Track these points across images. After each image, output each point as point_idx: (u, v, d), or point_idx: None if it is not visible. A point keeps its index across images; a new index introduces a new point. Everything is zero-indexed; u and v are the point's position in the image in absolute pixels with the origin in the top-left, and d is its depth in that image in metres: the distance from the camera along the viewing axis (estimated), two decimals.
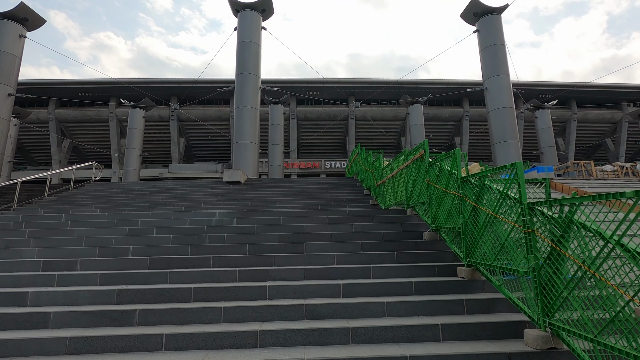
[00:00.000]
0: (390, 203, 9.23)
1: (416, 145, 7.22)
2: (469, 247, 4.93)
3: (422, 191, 6.86)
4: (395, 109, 36.54)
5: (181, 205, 11.18)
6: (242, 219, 7.85)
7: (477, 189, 4.76)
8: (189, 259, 5.59)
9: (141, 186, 13.82)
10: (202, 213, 8.45)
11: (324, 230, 7.01)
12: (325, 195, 12.23)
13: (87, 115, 36.88)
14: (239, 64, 15.96)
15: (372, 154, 11.52)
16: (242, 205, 11.03)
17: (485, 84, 17.63)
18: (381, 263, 5.60)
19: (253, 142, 15.31)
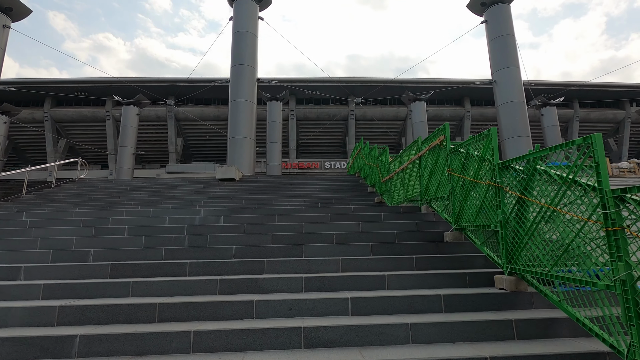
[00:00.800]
0: (399, 200, 8.12)
1: (433, 132, 6.13)
2: (512, 251, 3.82)
3: (441, 184, 5.75)
4: (396, 109, 35.48)
5: (168, 203, 10.06)
6: (230, 218, 6.73)
7: (524, 175, 3.66)
8: (161, 265, 4.47)
9: (128, 184, 12.70)
10: (185, 211, 7.34)
11: (326, 230, 5.90)
12: (326, 192, 11.12)
13: (83, 115, 35.72)
14: (235, 55, 14.86)
15: (378, 148, 10.43)
16: (234, 203, 9.92)
17: (494, 76, 16.56)
18: (397, 270, 4.49)
19: (249, 137, 14.20)
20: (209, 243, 5.35)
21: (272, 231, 5.83)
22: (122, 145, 23.26)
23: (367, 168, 11.61)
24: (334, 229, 5.89)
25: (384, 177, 9.38)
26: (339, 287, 4.05)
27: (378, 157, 10.10)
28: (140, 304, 3.53)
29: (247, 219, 6.63)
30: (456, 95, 35.66)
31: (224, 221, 6.53)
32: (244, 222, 6.40)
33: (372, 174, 10.84)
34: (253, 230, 5.86)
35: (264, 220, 6.60)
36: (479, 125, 36.90)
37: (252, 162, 14.19)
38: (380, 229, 5.90)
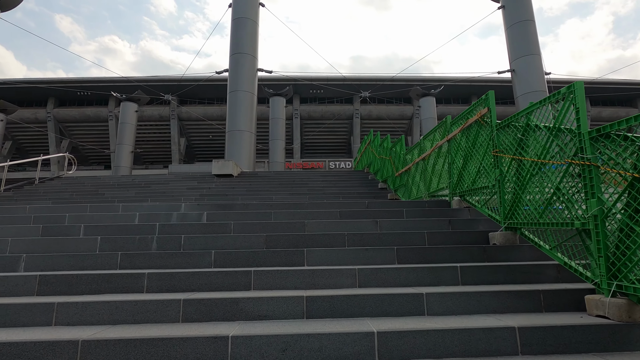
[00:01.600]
0: (419, 195, 6.79)
1: (467, 108, 4.82)
2: (619, 260, 2.49)
3: (482, 171, 4.42)
4: (402, 107, 34.15)
5: (156, 200, 8.83)
6: (215, 214, 5.43)
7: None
8: (110, 276, 3.18)
9: (118, 180, 11.47)
10: (163, 206, 6.05)
11: (335, 229, 4.59)
12: (333, 188, 9.81)
13: (86, 115, 34.77)
14: (234, 43, 13.62)
15: (390, 138, 9.10)
16: (230, 200, 8.65)
17: (513, 65, 15.18)
18: (437, 284, 3.16)
19: (249, 130, 12.94)
20: (183, 246, 4.05)
21: (266, 230, 4.53)
22: (120, 143, 22.09)
23: (377, 162, 10.28)
24: (346, 228, 4.57)
25: (399, 171, 8.06)
26: (357, 311, 2.74)
27: (391, 148, 8.78)
28: (56, 341, 2.24)
29: (236, 216, 5.33)
30: (463, 93, 34.29)
31: (207, 218, 5.24)
32: (232, 219, 5.10)
33: (384, 168, 9.52)
34: (242, 230, 4.56)
35: (258, 218, 5.30)
36: None
37: (252, 157, 12.93)
38: (404, 228, 4.57)
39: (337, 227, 4.60)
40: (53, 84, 32.93)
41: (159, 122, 34.92)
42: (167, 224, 4.64)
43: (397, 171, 8.20)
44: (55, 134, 34.71)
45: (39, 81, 32.81)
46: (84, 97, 34.56)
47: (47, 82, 33.10)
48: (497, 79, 33.95)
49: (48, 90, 33.30)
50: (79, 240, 4.10)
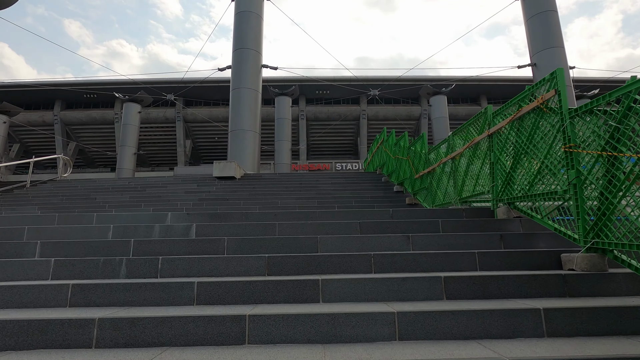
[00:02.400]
0: (446, 201, 5.76)
1: (526, 88, 3.80)
2: None
3: (543, 172, 3.39)
4: (409, 107, 33.05)
5: (150, 206, 7.90)
6: (207, 227, 4.39)
7: None
8: (48, 324, 2.20)
9: (113, 183, 10.58)
10: (145, 216, 5.09)
11: (356, 247, 3.58)
12: (343, 192, 8.80)
13: (92, 117, 34.16)
14: (237, 38, 12.69)
15: (408, 136, 8.07)
16: (230, 206, 7.70)
17: (534, 59, 14.02)
18: (512, 336, 2.14)
19: (252, 130, 11.98)
20: (160, 272, 3.07)
21: (268, 250, 3.54)
22: (123, 145, 21.26)
23: (392, 163, 9.26)
24: (370, 246, 3.56)
25: (419, 172, 7.03)
26: None
27: (409, 147, 7.76)
28: None
29: (232, 229, 4.31)
30: (472, 92, 33.11)
31: (196, 232, 4.23)
32: (227, 233, 4.11)
33: (400, 169, 8.49)
34: (238, 249, 3.57)
35: (259, 232, 4.30)
36: None
37: (256, 158, 11.97)
38: (444, 246, 3.55)
39: (359, 244, 3.60)
40: (58, 86, 32.38)
41: (165, 124, 34.21)
42: (146, 241, 3.65)
43: (417, 173, 7.18)
44: (62, 136, 34.16)
45: (44, 83, 32.28)
46: (91, 99, 33.99)
47: (52, 85, 32.56)
48: (507, 77, 32.73)
49: (55, 92, 32.81)
50: (29, 264, 3.15)
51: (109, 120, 33.96)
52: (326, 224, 4.36)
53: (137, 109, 21.96)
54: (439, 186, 6.18)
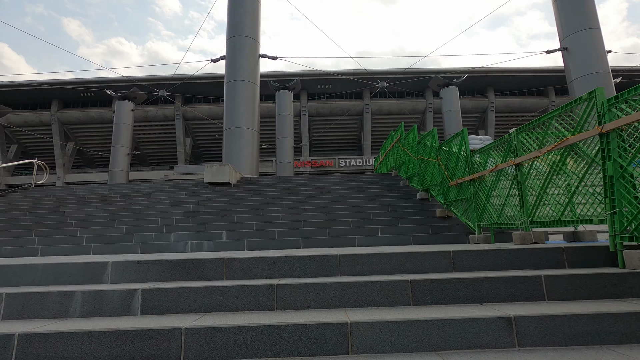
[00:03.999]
0: (503, 222, 4.14)
1: None
2: None
3: None
4: (414, 101, 31.23)
5: (124, 223, 6.32)
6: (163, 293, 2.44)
7: None
8: None
9: (91, 192, 8.99)
10: (69, 266, 3.28)
11: (413, 339, 1.95)
12: (357, 201, 7.19)
13: (90, 117, 32.53)
14: (231, 24, 10.92)
15: (436, 133, 6.41)
16: (220, 223, 6.12)
17: (565, 43, 12.22)
18: None
19: (250, 128, 10.31)
20: None
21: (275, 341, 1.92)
22: (116, 145, 19.61)
23: (413, 164, 7.62)
24: (440, 343, 1.94)
25: (457, 179, 5.40)
26: None
27: (440, 147, 6.11)
28: None
29: (205, 294, 2.52)
30: (478, 85, 31.25)
31: (143, 304, 2.43)
32: (195, 303, 2.42)
33: (426, 173, 6.85)
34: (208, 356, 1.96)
35: (249, 295, 2.60)
36: (504, 117, 32.50)
37: (254, 159, 10.33)
38: (575, 337, 1.93)
39: (416, 332, 1.97)
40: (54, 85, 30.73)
41: (164, 122, 32.58)
42: (37, 336, 2.02)
43: (454, 179, 5.55)
44: (60, 136, 32.62)
45: (39, 83, 30.63)
46: (88, 98, 32.36)
47: (48, 84, 30.91)
48: (515, 69, 30.83)
49: (51, 92, 31.21)
50: None
51: (108, 119, 32.32)
52: (345, 259, 2.73)
53: (130, 106, 20.25)
54: (489, 200, 4.56)
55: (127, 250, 5.29)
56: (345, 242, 5.30)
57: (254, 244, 5.32)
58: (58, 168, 33.02)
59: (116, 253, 5.27)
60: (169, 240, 5.63)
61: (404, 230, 5.71)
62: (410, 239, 5.34)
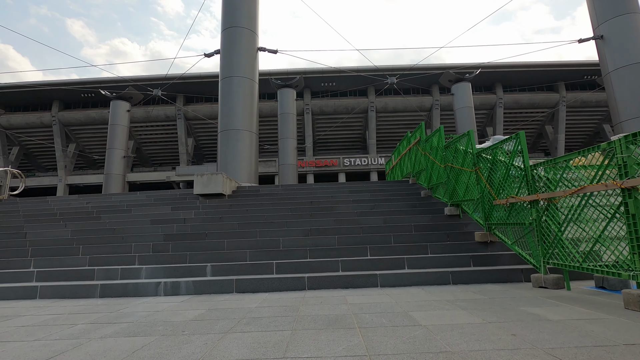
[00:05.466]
0: (588, 267, 2.77)
1: None
2: None
3: None
4: (420, 98, 29.73)
5: (89, 252, 5.03)
6: None
7: None
8: None
9: (67, 205, 7.72)
10: None
11: None
12: (373, 218, 5.83)
13: (91, 117, 31.39)
14: (226, 14, 9.49)
15: (473, 137, 5.03)
16: (207, 252, 4.80)
17: (599, 30, 10.69)
18: None
19: (248, 130, 8.93)
20: None
21: None
22: (111, 148, 18.32)
23: (439, 172, 6.25)
24: None
25: (508, 197, 4.05)
26: None
27: (478, 154, 4.75)
28: None
29: None
30: (486, 80, 29.64)
31: None
32: None
33: (458, 185, 5.49)
34: None
35: None
36: (513, 113, 30.92)
37: (252, 165, 8.97)
38: None
39: None
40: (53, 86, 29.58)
41: (166, 122, 31.38)
42: None
43: (500, 196, 4.20)
44: (61, 137, 31.52)
45: (38, 84, 29.48)
46: (89, 99, 31.20)
47: (48, 85, 29.76)
48: (524, 63, 29.20)
49: (52, 93, 30.13)
50: None
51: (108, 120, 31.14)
52: None
53: (126, 107, 18.95)
54: (563, 231, 3.21)
55: (81, 294, 4.00)
56: (364, 282, 3.98)
57: (246, 284, 4.01)
58: (59, 170, 31.97)
59: (67, 298, 3.99)
60: (138, 278, 4.33)
61: (438, 263, 4.37)
62: (449, 277, 4.00)
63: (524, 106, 30.54)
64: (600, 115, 31.16)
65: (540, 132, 31.80)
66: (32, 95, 30.57)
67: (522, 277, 4.02)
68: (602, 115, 31.18)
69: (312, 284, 4.00)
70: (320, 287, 3.98)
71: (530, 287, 3.67)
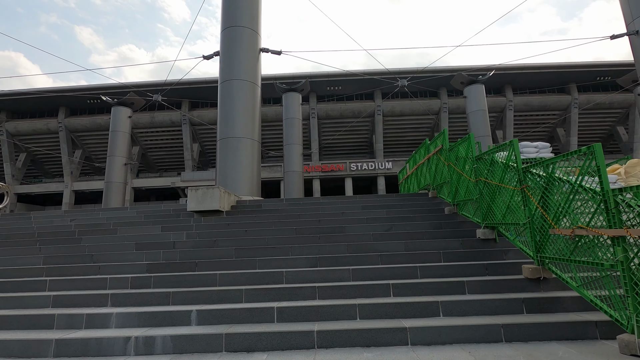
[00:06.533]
0: None
1: None
2: None
3: None
4: (428, 101, 28.71)
5: (56, 288, 4.14)
6: None
7: None
8: None
9: (48, 223, 6.88)
10: None
11: None
12: (391, 243, 4.87)
13: (97, 124, 30.88)
14: (227, 13, 8.59)
15: (517, 148, 4.05)
16: (194, 290, 3.87)
17: (635, 24, 9.62)
18: None
19: (250, 137, 8.03)
20: None
21: None
22: (112, 155, 17.61)
23: (468, 188, 5.27)
24: None
25: (575, 226, 3.09)
26: None
27: (527, 169, 3.79)
28: None
29: None
30: (495, 83, 28.50)
31: None
32: None
33: (495, 205, 4.51)
34: None
35: None
36: (523, 116, 29.78)
37: (254, 176, 8.05)
38: None
39: None
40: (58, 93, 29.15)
41: (171, 128, 30.78)
42: None
43: (559, 224, 3.25)
44: (67, 144, 31.10)
45: (43, 90, 29.08)
46: (95, 105, 30.73)
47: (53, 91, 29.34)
48: (535, 65, 28.03)
49: (59, 99, 29.72)
50: None
51: None
52: None
53: (127, 113, 18.27)
54: None
55: (32, 353, 3.12)
56: (390, 338, 3.04)
57: (239, 340, 3.09)
58: (66, 176, 31.52)
59: (13, 358, 3.10)
60: (106, 327, 3.44)
61: (481, 308, 3.40)
62: (500, 332, 3.04)
63: (535, 108, 29.36)
64: (614, 117, 29.86)
65: (551, 134, 30.54)
66: (38, 102, 30.22)
67: (597, 333, 3.04)
68: (616, 117, 29.87)
69: (323, 340, 3.06)
70: (333, 345, 3.04)
71: (617, 352, 2.70)
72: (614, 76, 28.20)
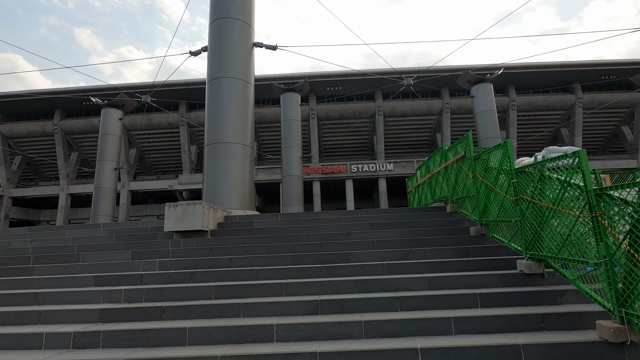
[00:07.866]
0: None
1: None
2: None
3: None
4: (430, 102, 27.61)
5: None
6: None
7: None
8: None
9: (3, 246, 5.81)
10: None
11: None
12: (410, 279, 3.79)
13: (93, 125, 29.72)
14: (216, 2, 7.41)
15: (585, 160, 3.00)
16: (155, 346, 2.72)
17: None
18: None
19: (241, 143, 6.89)
20: None
21: None
22: (101, 159, 16.52)
23: (503, 207, 4.20)
24: None
25: None
26: None
27: (601, 192, 2.72)
28: None
29: None
30: (498, 82, 27.38)
31: None
32: None
33: (544, 232, 3.45)
34: None
35: None
36: (526, 116, 28.68)
37: (247, 187, 6.94)
38: None
39: None
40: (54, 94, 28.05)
41: (168, 130, 29.70)
42: None
43: None
44: (63, 146, 30.00)
45: (38, 92, 27.98)
46: (91, 107, 29.55)
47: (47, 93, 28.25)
48: (538, 64, 26.96)
49: (54, 101, 28.68)
50: None
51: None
52: None
53: (118, 115, 17.16)
54: None
55: None
56: None
57: None
58: (62, 179, 30.42)
59: None
60: None
61: None
62: None
63: (538, 108, 28.28)
64: (619, 117, 28.81)
65: (555, 134, 29.47)
66: (33, 104, 29.15)
67: None
68: (621, 117, 28.82)
69: None
70: None
71: None
72: (618, 75, 27.13)
